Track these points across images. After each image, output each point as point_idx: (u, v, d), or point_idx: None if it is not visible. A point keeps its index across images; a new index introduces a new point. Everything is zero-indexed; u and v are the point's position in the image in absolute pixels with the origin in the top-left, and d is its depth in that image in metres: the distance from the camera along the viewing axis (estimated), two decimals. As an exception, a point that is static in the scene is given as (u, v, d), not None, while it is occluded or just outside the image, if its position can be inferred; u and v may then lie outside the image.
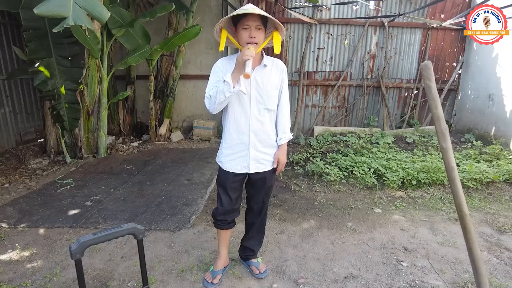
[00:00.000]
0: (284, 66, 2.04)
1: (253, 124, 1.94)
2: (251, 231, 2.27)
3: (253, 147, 1.97)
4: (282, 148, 2.07)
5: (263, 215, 2.23)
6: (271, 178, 2.12)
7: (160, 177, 4.10)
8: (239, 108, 1.92)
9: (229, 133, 1.99)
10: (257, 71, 1.91)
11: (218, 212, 2.10)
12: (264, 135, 1.99)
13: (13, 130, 5.30)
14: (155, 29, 5.82)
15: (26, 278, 2.22)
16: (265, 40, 1.90)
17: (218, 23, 1.84)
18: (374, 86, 6.24)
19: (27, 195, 3.54)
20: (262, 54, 1.96)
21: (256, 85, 1.91)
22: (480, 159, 4.54)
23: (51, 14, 2.78)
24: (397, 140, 5.67)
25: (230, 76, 1.74)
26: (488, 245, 2.68)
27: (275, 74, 1.97)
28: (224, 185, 2.05)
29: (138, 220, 2.98)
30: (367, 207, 3.38)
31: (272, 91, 1.96)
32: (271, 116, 2.02)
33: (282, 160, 2.06)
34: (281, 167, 2.10)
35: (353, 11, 6.06)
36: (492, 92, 5.49)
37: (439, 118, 1.28)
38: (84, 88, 4.59)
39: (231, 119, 1.96)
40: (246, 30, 1.79)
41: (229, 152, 2.01)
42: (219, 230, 2.18)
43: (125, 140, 5.94)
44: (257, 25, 1.79)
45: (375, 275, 2.29)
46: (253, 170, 2.01)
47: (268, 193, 2.16)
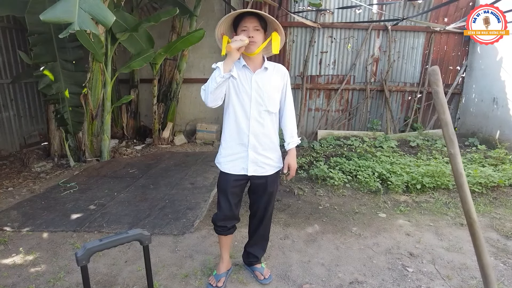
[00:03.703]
0: (286, 71, 2.04)
1: (253, 125, 1.94)
2: (254, 237, 2.25)
3: (253, 149, 1.96)
4: (291, 153, 2.05)
5: (266, 222, 2.20)
6: (273, 184, 2.08)
7: (164, 180, 4.10)
8: (240, 108, 1.93)
9: (230, 133, 1.99)
10: (258, 74, 1.92)
11: (217, 218, 2.08)
12: (265, 138, 1.98)
13: (17, 133, 5.32)
14: (158, 33, 5.84)
15: (30, 282, 2.21)
16: (264, 41, 1.89)
17: (218, 27, 1.85)
18: (377, 89, 6.23)
19: (31, 199, 3.55)
20: (264, 58, 1.96)
21: (257, 87, 1.91)
22: (485, 163, 4.51)
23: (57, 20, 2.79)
24: (401, 144, 5.64)
25: (222, 63, 1.74)
26: (494, 251, 2.65)
27: (276, 77, 1.97)
28: (224, 189, 2.03)
29: (141, 224, 2.97)
30: (372, 212, 3.36)
31: (272, 93, 1.95)
32: (273, 119, 2.01)
33: (293, 165, 2.05)
34: (293, 172, 2.08)
35: (356, 15, 6.07)
36: (496, 96, 5.47)
37: (447, 123, 1.27)
38: (88, 92, 4.61)
39: (231, 119, 1.96)
40: (245, 32, 1.81)
41: (228, 152, 2.00)
42: (220, 236, 2.17)
43: (128, 143, 5.95)
44: (254, 26, 1.82)
45: (381, 281, 2.27)
46: (251, 172, 1.99)
47: (271, 200, 2.12)
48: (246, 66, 1.91)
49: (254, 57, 1.91)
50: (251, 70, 1.92)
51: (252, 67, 1.93)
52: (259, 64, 1.94)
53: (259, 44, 1.84)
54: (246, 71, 1.92)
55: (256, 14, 1.83)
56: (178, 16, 5.56)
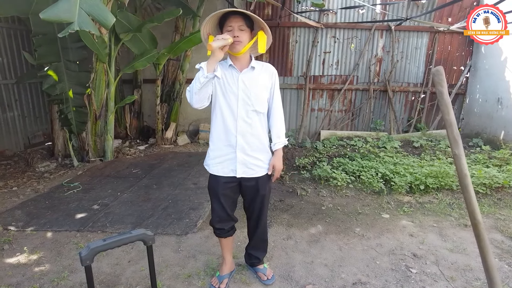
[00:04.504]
0: (274, 70, 2.00)
1: (241, 125, 1.90)
2: (253, 241, 2.24)
3: (241, 150, 1.93)
4: (277, 154, 2.02)
5: (262, 225, 2.17)
6: (265, 186, 2.03)
7: (167, 181, 4.11)
8: (227, 109, 1.89)
9: (217, 134, 1.96)
10: (245, 73, 1.89)
11: (213, 221, 2.07)
12: (254, 138, 1.94)
13: (21, 133, 5.36)
14: (162, 34, 5.85)
15: (34, 281, 2.22)
16: (250, 40, 1.86)
17: (204, 27, 1.82)
18: (381, 90, 6.21)
19: (35, 198, 3.57)
20: (251, 58, 1.93)
21: (244, 86, 1.88)
22: (489, 164, 4.48)
23: (57, 19, 2.80)
24: (404, 145, 5.62)
25: (205, 63, 1.71)
26: (499, 252, 2.63)
27: (264, 76, 1.94)
28: (215, 192, 2.00)
29: (145, 224, 2.98)
30: (375, 212, 3.35)
31: (260, 92, 1.92)
32: (261, 119, 1.97)
33: (278, 166, 2.02)
34: (277, 174, 2.05)
35: (359, 15, 6.06)
36: (501, 96, 5.43)
37: (451, 124, 1.26)
38: (92, 92, 4.63)
39: (219, 120, 1.93)
40: (230, 32, 1.78)
41: (216, 154, 1.98)
42: (220, 238, 2.16)
43: (131, 143, 5.97)
44: (239, 25, 1.78)
45: (384, 282, 2.26)
46: (240, 174, 1.95)
47: (264, 203, 2.07)
48: (233, 65, 1.88)
49: (241, 56, 1.87)
50: (237, 69, 1.88)
51: (238, 67, 1.89)
52: (246, 64, 1.91)
53: (245, 43, 1.81)
54: (233, 71, 1.88)
55: (242, 13, 1.80)
56: (181, 17, 5.56)
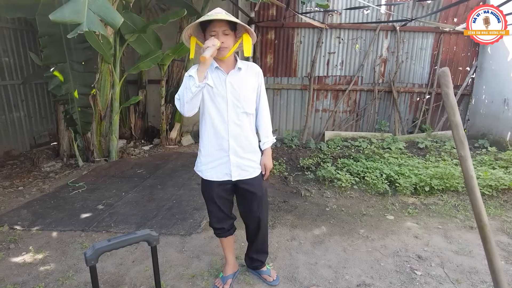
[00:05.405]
0: (259, 69, 1.99)
1: (232, 129, 1.88)
2: (254, 244, 2.20)
3: (234, 153, 1.91)
4: (267, 153, 2.03)
5: (263, 228, 2.13)
6: (260, 187, 2.01)
7: (171, 181, 4.12)
8: (217, 113, 1.87)
9: (208, 139, 1.92)
10: (232, 75, 1.86)
11: (212, 222, 2.06)
12: (245, 140, 1.93)
13: (27, 133, 5.40)
14: (166, 34, 5.87)
15: (40, 280, 2.24)
16: (235, 43, 1.85)
17: (186, 30, 1.79)
18: (386, 90, 6.18)
19: (41, 198, 3.59)
20: (236, 58, 1.92)
21: (232, 89, 1.86)
22: (495, 165, 4.44)
23: (66, 20, 2.83)
24: (409, 146, 5.59)
25: (196, 71, 1.68)
26: (505, 255, 2.61)
27: (250, 77, 1.93)
28: (210, 197, 1.98)
29: (149, 225, 2.99)
30: (380, 214, 3.33)
31: (249, 94, 1.91)
32: (251, 120, 1.97)
33: (268, 165, 2.03)
34: (268, 173, 2.05)
35: (364, 16, 6.03)
36: (507, 97, 5.38)
37: (457, 125, 1.25)
38: (97, 93, 4.65)
39: (208, 125, 1.90)
40: (215, 37, 1.74)
41: (209, 159, 1.94)
42: (220, 239, 2.15)
43: (136, 144, 6.00)
44: (223, 30, 1.75)
45: (388, 284, 2.25)
46: (235, 177, 1.93)
47: (261, 206, 2.04)
48: (219, 67, 1.84)
49: (226, 58, 1.85)
50: (224, 71, 1.85)
51: (225, 68, 1.86)
52: (231, 65, 1.89)
53: (230, 48, 1.80)
54: (219, 73, 1.85)
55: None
56: (186, 17, 5.57)
